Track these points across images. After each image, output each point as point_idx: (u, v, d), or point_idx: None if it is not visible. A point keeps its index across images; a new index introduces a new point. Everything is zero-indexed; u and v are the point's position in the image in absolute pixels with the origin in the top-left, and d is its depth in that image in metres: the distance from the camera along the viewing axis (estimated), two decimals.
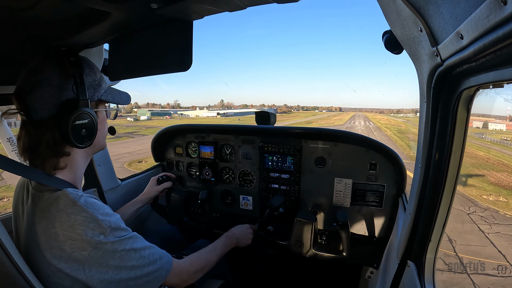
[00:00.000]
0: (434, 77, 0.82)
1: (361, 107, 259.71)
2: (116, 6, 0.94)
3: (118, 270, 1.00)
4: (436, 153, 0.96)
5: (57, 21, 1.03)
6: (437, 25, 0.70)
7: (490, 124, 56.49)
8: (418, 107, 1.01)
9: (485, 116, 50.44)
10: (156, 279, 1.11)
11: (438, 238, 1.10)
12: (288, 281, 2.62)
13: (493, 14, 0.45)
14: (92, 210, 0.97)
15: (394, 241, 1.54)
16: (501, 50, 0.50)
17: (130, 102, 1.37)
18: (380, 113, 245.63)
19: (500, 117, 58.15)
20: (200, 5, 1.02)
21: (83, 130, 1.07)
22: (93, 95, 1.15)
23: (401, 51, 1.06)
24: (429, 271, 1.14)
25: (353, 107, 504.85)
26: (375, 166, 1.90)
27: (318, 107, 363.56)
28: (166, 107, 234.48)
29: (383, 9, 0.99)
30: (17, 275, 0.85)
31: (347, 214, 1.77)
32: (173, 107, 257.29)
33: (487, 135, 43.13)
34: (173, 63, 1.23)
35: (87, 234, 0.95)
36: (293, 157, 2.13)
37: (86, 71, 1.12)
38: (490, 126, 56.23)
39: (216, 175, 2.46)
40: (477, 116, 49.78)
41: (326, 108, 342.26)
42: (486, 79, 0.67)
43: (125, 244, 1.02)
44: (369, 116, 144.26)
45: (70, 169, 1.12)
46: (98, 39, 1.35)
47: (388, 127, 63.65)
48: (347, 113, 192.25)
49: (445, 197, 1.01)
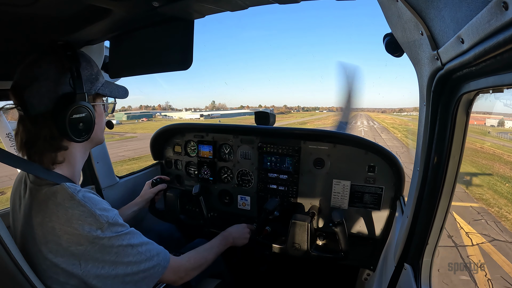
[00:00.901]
0: (434, 80, 0.82)
1: (363, 107, 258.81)
2: (118, 4, 0.94)
3: (114, 265, 0.99)
4: (435, 157, 0.96)
5: (57, 17, 1.03)
6: (438, 28, 0.70)
7: (507, 122, 50.18)
8: (418, 105, 1.02)
9: (494, 114, 45.16)
10: (153, 275, 1.11)
11: (435, 241, 1.10)
12: (285, 281, 2.63)
13: (494, 19, 0.45)
14: (90, 205, 0.97)
15: (391, 244, 1.54)
16: (502, 55, 0.50)
17: (127, 96, 1.36)
18: (383, 113, 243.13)
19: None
20: (202, 4, 1.02)
21: (80, 124, 1.06)
22: (90, 89, 1.15)
23: (401, 54, 1.06)
24: (425, 275, 1.14)
25: (354, 107, 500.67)
26: (374, 168, 1.91)
27: (318, 107, 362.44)
28: (157, 108, 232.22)
29: (384, 12, 0.99)
30: (16, 270, 0.85)
31: (342, 213, 1.77)
32: (164, 109, 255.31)
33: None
34: (174, 61, 1.23)
35: (84, 228, 0.94)
36: (292, 158, 2.13)
37: (83, 65, 1.11)
38: (507, 124, 49.82)
39: (215, 175, 2.46)
40: (490, 115, 45.37)
41: (327, 109, 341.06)
42: (486, 83, 0.67)
43: (122, 240, 1.02)
44: (372, 116, 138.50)
45: (68, 163, 1.11)
46: (99, 36, 1.35)
47: (395, 127, 55.47)
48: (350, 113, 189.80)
49: (443, 201, 1.01)
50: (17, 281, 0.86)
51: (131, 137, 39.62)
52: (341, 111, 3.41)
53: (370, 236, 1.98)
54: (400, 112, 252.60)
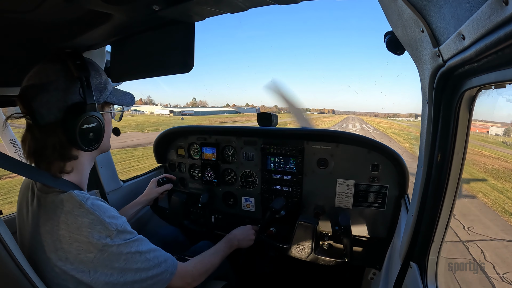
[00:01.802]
0: (436, 78, 0.81)
1: (355, 111, 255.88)
2: (118, 8, 0.94)
3: (123, 272, 1.00)
4: (439, 154, 0.95)
5: (59, 23, 1.04)
6: (438, 25, 0.70)
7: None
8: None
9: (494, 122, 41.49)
10: (161, 282, 1.11)
11: (441, 239, 1.09)
12: (290, 282, 2.62)
13: (495, 15, 0.45)
14: (99, 213, 0.97)
15: (397, 242, 1.53)
16: (503, 50, 0.50)
17: (134, 103, 1.37)
18: (375, 117, 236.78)
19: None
20: (202, 7, 1.02)
21: (90, 134, 1.07)
22: (99, 98, 1.15)
23: (402, 52, 1.06)
24: (431, 273, 1.13)
25: (346, 110, 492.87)
26: (377, 167, 1.90)
27: (310, 109, 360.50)
28: (138, 102, 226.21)
29: (384, 10, 0.99)
30: (21, 276, 0.86)
31: (349, 217, 1.76)
32: (146, 103, 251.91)
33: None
34: (175, 64, 1.23)
35: (94, 236, 0.95)
36: (295, 159, 2.13)
37: (92, 74, 1.11)
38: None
39: (218, 177, 2.46)
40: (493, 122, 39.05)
41: (318, 110, 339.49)
42: (488, 79, 0.66)
43: (130, 247, 1.02)
44: (366, 119, 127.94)
45: (76, 171, 1.12)
46: (100, 41, 1.36)
47: (396, 133, 45.57)
48: (340, 116, 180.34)
49: (448, 198, 1.01)
50: (22, 287, 0.86)
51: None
52: (295, 118, 3.52)
53: (375, 235, 1.98)
54: (395, 117, 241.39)
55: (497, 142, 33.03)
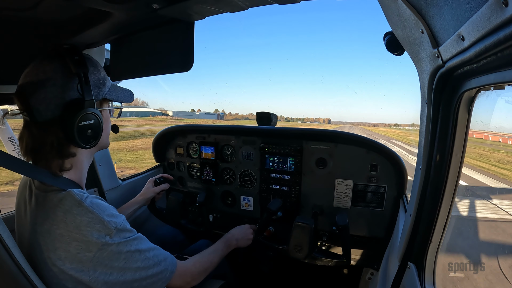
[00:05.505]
0: (435, 78, 0.82)
1: (352, 121, 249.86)
2: (118, 7, 0.94)
3: (123, 271, 0.99)
4: (437, 155, 0.96)
5: (58, 21, 1.03)
6: (438, 26, 0.70)
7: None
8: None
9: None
10: (161, 281, 1.10)
11: (439, 240, 1.10)
12: (288, 281, 2.62)
13: (494, 16, 0.45)
14: (98, 211, 0.96)
15: (395, 243, 1.53)
16: (502, 51, 0.50)
17: (133, 100, 1.36)
18: (374, 126, 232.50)
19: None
20: (202, 6, 1.02)
21: (89, 130, 1.05)
22: (97, 94, 1.13)
23: (402, 53, 1.06)
24: (429, 273, 1.14)
25: (343, 121, 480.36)
26: (376, 168, 1.90)
27: (304, 118, 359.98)
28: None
29: (384, 10, 0.99)
30: (20, 275, 0.85)
31: (346, 217, 1.76)
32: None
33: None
34: (175, 63, 1.23)
35: (93, 235, 0.94)
36: (294, 158, 2.13)
37: (90, 70, 1.09)
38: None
39: (217, 176, 2.46)
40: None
41: (313, 120, 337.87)
42: (487, 80, 0.67)
43: (130, 246, 1.01)
44: (367, 129, 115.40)
45: (75, 169, 1.11)
46: (100, 39, 1.35)
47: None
48: (335, 126, 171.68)
49: (446, 199, 1.01)
50: (21, 286, 0.86)
51: None
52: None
53: (373, 235, 1.98)
54: (396, 127, 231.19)
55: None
